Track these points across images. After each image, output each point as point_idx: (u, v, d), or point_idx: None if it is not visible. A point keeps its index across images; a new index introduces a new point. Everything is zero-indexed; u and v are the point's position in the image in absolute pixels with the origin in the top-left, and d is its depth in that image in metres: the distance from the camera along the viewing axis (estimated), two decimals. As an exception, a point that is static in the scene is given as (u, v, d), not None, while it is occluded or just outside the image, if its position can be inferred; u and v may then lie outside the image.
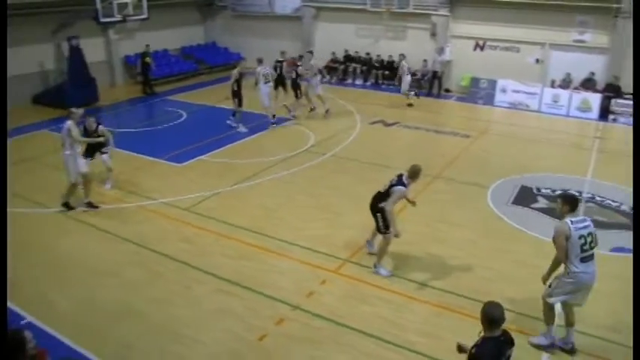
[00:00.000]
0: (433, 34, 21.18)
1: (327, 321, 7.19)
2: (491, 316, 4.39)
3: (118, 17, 18.07)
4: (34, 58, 18.99)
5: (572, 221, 6.12)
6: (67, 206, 10.49)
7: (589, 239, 6.10)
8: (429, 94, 20.72)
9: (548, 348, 6.67)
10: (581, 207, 10.62)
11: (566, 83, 18.74)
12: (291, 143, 14.56)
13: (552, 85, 19.07)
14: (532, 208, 10.70)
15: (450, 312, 7.42)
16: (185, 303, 7.59)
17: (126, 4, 18.13)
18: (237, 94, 15.67)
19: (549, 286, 6.44)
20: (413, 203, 8.52)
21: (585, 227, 6.13)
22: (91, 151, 11.03)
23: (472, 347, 4.38)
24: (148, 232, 9.64)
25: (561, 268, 6.39)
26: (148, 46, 20.59)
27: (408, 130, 16.21)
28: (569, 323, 6.57)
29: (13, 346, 4.78)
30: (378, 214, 8.08)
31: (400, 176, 8.00)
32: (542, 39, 19.18)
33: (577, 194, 11.14)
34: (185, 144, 14.40)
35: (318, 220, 10.13)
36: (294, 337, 6.88)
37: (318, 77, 17.54)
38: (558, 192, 11.30)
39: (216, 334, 6.95)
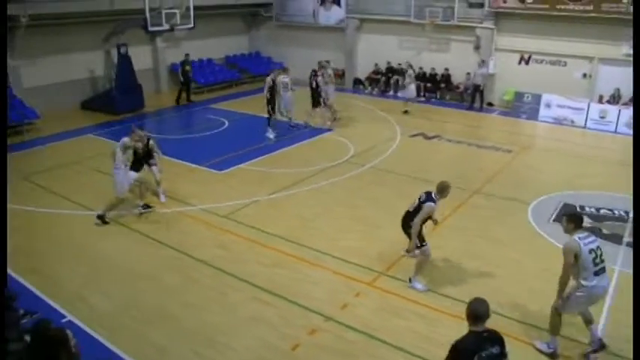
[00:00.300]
0: (477, 47, 20.93)
1: (359, 333, 7.14)
2: (476, 312, 4.62)
3: (165, 26, 18.52)
4: (84, 65, 19.66)
5: (579, 237, 6.29)
6: (102, 219, 10.32)
7: (598, 252, 6.26)
8: (470, 108, 20.47)
9: (553, 356, 6.77)
10: (627, 227, 10.30)
11: (614, 99, 18.21)
12: (330, 154, 14.59)
13: (600, 101, 18.56)
14: (575, 227, 10.40)
15: (486, 330, 7.27)
16: (219, 309, 7.67)
17: (174, 13, 18.58)
18: (270, 102, 15.95)
19: (561, 300, 6.48)
20: (435, 222, 8.41)
21: (593, 242, 6.32)
22: (138, 165, 11.04)
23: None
24: (186, 238, 9.80)
25: (570, 284, 6.43)
26: (187, 55, 20.93)
27: (449, 144, 16.03)
28: (589, 322, 6.70)
29: (57, 342, 4.94)
30: (410, 230, 7.98)
31: (429, 193, 7.99)
32: (591, 53, 18.70)
33: (622, 213, 10.85)
34: (226, 152, 14.61)
35: (355, 232, 10.10)
36: (327, 348, 6.86)
37: (333, 86, 18.17)
38: (603, 211, 11.07)
39: (249, 341, 6.99)
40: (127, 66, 19.11)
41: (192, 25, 19.23)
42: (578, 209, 11.12)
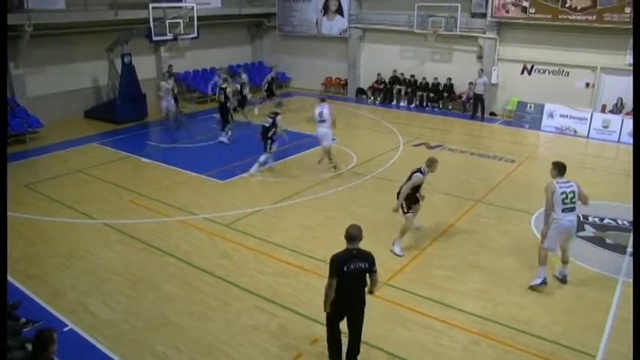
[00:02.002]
0: (480, 57, 20.99)
1: (362, 343, 7.08)
2: (350, 234, 6.08)
3: (169, 36, 18.61)
4: (88, 74, 19.77)
5: (558, 182, 8.18)
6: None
7: (570, 195, 8.04)
8: (473, 118, 20.47)
9: (542, 284, 8.32)
10: (631, 237, 10.24)
11: (617, 108, 18.20)
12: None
13: (603, 110, 18.55)
14: (578, 237, 10.33)
15: (489, 340, 7.22)
16: (221, 318, 7.64)
17: (178, 23, 18.67)
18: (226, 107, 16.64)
19: (543, 237, 8.34)
20: (422, 197, 9.70)
21: (569, 187, 8.11)
22: None
23: None
24: (188, 247, 9.79)
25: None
26: (170, 66, 20.81)
27: (452, 154, 16.01)
28: (564, 261, 8.61)
29: (44, 342, 5.17)
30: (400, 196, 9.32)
31: (419, 167, 9.37)
32: (594, 63, 18.73)
33: (625, 223, 10.80)
34: (229, 161, 14.61)
35: (357, 241, 10.05)
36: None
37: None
38: (606, 221, 11.03)
39: (251, 351, 6.95)
40: (131, 75, 19.19)
41: (195, 35, 19.30)
42: (581, 219, 11.08)
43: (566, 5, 18.19)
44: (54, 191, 12.52)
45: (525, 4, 19.05)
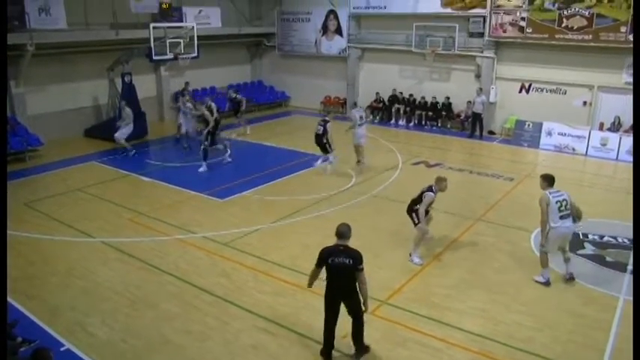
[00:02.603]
0: (478, 76, 21.13)
1: (362, 362, 7.06)
2: (338, 230, 6.74)
3: (170, 56, 18.74)
4: (88, 93, 19.90)
5: (550, 192, 8.84)
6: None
7: (564, 203, 8.74)
8: (472, 136, 20.55)
9: (546, 284, 9.09)
10: (631, 254, 10.23)
11: (615, 126, 18.29)
12: (332, 182, 14.61)
13: (601, 128, 18.64)
14: (578, 255, 10.33)
15: (489, 359, 7.18)
16: (220, 338, 7.59)
17: (178, 43, 18.82)
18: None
19: (542, 245, 9.00)
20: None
21: (560, 196, 8.81)
22: None
23: None
24: (187, 266, 9.76)
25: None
26: (187, 83, 21.08)
27: (451, 172, 15.99)
28: (566, 260, 9.22)
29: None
30: (413, 214, 9.83)
31: (430, 186, 9.77)
32: (591, 81, 18.84)
33: (625, 240, 10.79)
34: (228, 180, 14.64)
35: (356, 260, 10.03)
36: (328, 379, 6.76)
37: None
38: (606, 238, 11.02)
39: (249, 371, 6.90)
40: (131, 94, 19.28)
41: (196, 55, 19.44)
42: (581, 237, 11.07)
43: (563, 25, 18.37)
44: (53, 210, 12.52)
45: (522, 23, 19.25)
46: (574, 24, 18.18)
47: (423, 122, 22.41)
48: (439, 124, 22.15)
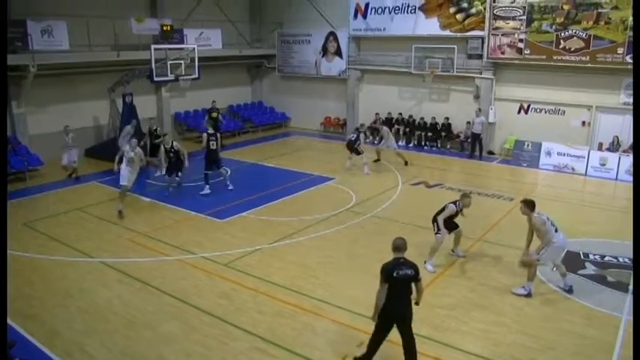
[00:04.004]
0: (477, 97, 21.27)
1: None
2: (395, 244, 6.85)
3: (171, 77, 18.87)
4: (89, 114, 20.03)
5: (538, 213, 9.36)
6: None
7: (551, 219, 9.37)
8: (471, 157, 20.61)
9: (527, 296, 9.31)
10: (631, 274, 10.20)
11: (614, 146, 18.35)
12: (332, 202, 14.61)
13: (600, 148, 18.71)
14: (579, 275, 10.29)
15: (492, 381, 7.12)
16: (219, 359, 7.52)
17: (179, 64, 18.96)
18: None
19: (538, 259, 9.32)
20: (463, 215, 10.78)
21: (545, 214, 9.39)
22: None
23: None
24: (187, 286, 9.71)
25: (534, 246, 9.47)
26: (214, 102, 21.72)
27: (451, 192, 16.00)
28: (563, 274, 9.57)
29: None
30: (435, 223, 10.47)
31: (456, 200, 10.57)
32: (589, 102, 18.98)
33: (626, 260, 10.75)
34: (228, 200, 14.64)
35: (357, 281, 9.97)
36: (328, 401, 6.69)
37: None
38: (607, 258, 10.98)
39: (249, 393, 6.83)
40: (132, 115, 19.37)
41: (196, 76, 19.59)
42: (582, 256, 11.05)
43: (560, 46, 18.55)
44: (53, 230, 12.49)
45: (520, 45, 19.44)
46: (571, 45, 18.36)
47: (423, 143, 22.49)
48: (439, 145, 22.24)
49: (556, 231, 9.28)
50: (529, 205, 9.41)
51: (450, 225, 10.70)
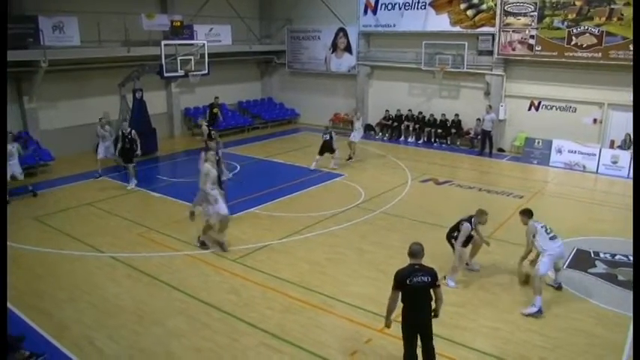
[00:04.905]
0: (487, 94, 21.15)
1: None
2: (411, 249, 6.62)
3: (180, 73, 18.91)
4: (100, 109, 19.98)
5: (534, 222, 9.28)
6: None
7: (548, 227, 9.17)
8: (481, 154, 20.51)
9: (538, 313, 8.63)
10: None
11: (626, 144, 18.18)
12: (341, 199, 14.60)
13: (611, 146, 18.55)
14: (589, 274, 10.22)
15: (500, 380, 7.09)
16: (228, 355, 7.54)
17: (189, 60, 19.00)
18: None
19: (540, 276, 8.94)
20: (487, 243, 10.31)
21: (540, 222, 9.28)
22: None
23: None
24: (196, 282, 9.74)
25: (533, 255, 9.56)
26: (217, 98, 21.71)
27: (460, 189, 15.99)
28: (557, 269, 9.53)
29: None
30: (453, 240, 9.91)
31: (471, 216, 9.88)
32: (601, 99, 18.81)
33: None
34: (237, 196, 14.64)
35: (365, 278, 9.98)
36: (336, 397, 6.69)
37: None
38: (618, 257, 10.90)
39: (257, 388, 6.84)
40: (142, 111, 19.47)
41: (206, 72, 19.61)
42: (592, 255, 10.97)
43: (572, 43, 18.40)
44: (63, 224, 12.58)
45: (531, 41, 19.30)
46: (583, 42, 18.21)
47: (432, 139, 22.41)
48: (448, 142, 22.15)
49: (551, 239, 9.05)
50: (525, 213, 9.51)
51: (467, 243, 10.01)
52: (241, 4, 24.55)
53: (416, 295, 6.46)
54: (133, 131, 15.82)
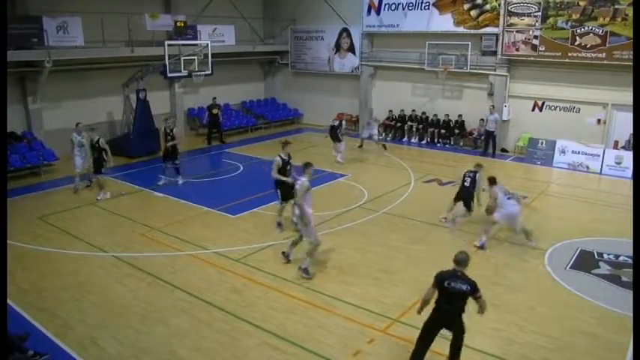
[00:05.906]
0: (491, 94, 21.11)
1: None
2: (457, 258, 6.75)
3: (184, 73, 18.93)
4: (103, 109, 20.17)
5: (496, 186, 11.48)
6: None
7: (508, 192, 11.47)
8: (484, 154, 20.47)
9: (481, 248, 11.11)
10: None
11: (630, 145, 18.12)
12: (344, 199, 14.59)
13: (615, 147, 18.50)
14: (593, 274, 10.19)
15: (503, 380, 7.07)
16: (230, 354, 7.54)
17: (192, 60, 19.02)
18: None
19: (494, 220, 11.36)
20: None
21: (504, 188, 11.71)
22: None
23: None
24: (199, 281, 9.75)
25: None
26: (214, 98, 21.77)
27: (464, 189, 15.93)
28: (527, 234, 11.52)
29: None
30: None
31: (474, 171, 12.96)
32: (605, 99, 18.75)
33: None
34: (240, 196, 14.66)
35: (368, 278, 9.97)
36: (338, 397, 6.69)
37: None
38: (622, 258, 10.86)
39: (259, 388, 6.84)
40: (146, 111, 19.49)
41: (210, 72, 19.63)
42: (596, 256, 10.94)
43: (576, 43, 18.36)
44: (66, 224, 12.61)
45: (535, 42, 19.26)
46: (587, 42, 18.16)
47: (436, 140, 22.37)
48: (452, 142, 22.11)
49: (509, 199, 11.22)
50: (490, 180, 11.82)
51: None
52: (245, 5, 24.59)
53: (449, 299, 6.63)
54: (102, 140, 14.62)
